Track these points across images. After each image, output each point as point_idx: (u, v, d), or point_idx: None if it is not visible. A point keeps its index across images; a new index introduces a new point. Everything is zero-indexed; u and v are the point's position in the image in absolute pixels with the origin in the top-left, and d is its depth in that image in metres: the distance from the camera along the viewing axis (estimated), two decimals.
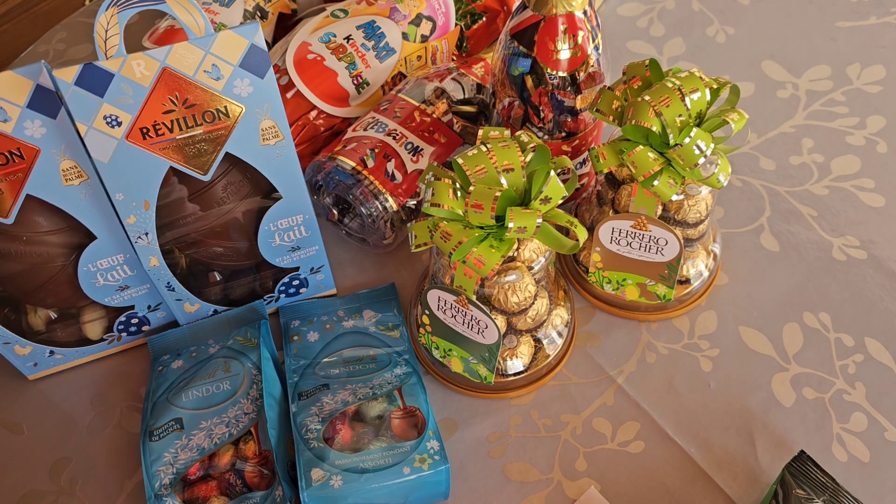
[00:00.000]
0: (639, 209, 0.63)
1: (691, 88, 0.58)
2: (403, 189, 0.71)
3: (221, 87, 0.55)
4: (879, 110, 0.84)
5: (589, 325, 0.71)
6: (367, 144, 0.71)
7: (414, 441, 0.60)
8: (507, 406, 0.66)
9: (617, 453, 0.63)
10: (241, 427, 0.62)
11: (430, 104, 0.74)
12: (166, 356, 0.68)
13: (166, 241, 0.63)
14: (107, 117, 0.53)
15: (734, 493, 0.61)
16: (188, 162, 0.58)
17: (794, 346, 0.68)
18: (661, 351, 0.69)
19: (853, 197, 0.78)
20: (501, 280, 0.58)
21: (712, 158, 0.61)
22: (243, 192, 0.64)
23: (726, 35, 0.93)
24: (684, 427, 0.64)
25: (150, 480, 0.60)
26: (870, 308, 0.70)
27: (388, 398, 0.63)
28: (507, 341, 0.64)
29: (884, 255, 0.73)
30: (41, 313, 0.67)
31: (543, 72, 0.65)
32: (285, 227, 0.65)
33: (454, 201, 0.55)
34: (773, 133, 0.84)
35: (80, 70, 0.51)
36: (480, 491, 0.62)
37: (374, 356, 0.67)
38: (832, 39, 0.92)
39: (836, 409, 0.65)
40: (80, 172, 0.56)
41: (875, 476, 0.61)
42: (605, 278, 0.69)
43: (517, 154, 0.55)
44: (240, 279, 0.70)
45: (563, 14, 0.62)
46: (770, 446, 0.63)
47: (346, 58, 0.77)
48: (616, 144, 0.62)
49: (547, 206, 0.54)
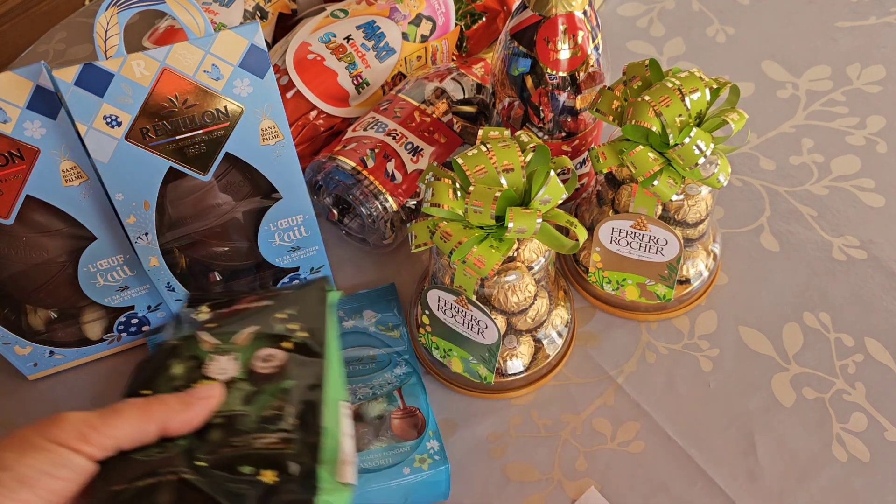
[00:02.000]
0: (639, 209, 0.63)
1: (691, 88, 0.58)
2: (403, 189, 0.71)
3: (221, 87, 0.55)
4: (879, 110, 0.84)
5: (589, 325, 0.71)
6: (367, 144, 0.71)
7: (414, 441, 0.60)
8: (507, 406, 0.66)
9: (617, 453, 0.63)
10: None
11: (430, 104, 0.74)
12: None
13: (166, 241, 0.63)
14: (107, 117, 0.53)
15: (734, 493, 0.61)
16: (188, 162, 0.58)
17: (794, 347, 0.68)
18: (661, 351, 0.69)
19: (853, 197, 0.78)
20: (501, 280, 0.58)
21: (712, 158, 0.61)
22: (243, 192, 0.64)
23: (726, 35, 0.93)
24: (684, 427, 0.64)
25: None
26: (870, 308, 0.70)
27: (388, 398, 0.63)
28: (507, 341, 0.64)
29: (884, 255, 0.73)
30: (41, 313, 0.67)
31: (543, 72, 0.65)
32: (285, 227, 0.65)
33: (454, 201, 0.55)
34: (773, 133, 0.84)
35: (79, 70, 0.51)
36: (480, 491, 0.62)
37: (374, 356, 0.67)
38: (832, 39, 0.92)
39: (836, 409, 0.65)
40: (80, 173, 0.56)
41: (875, 476, 0.61)
42: (605, 278, 0.69)
43: (517, 154, 0.55)
44: (240, 279, 0.70)
45: (563, 14, 0.62)
46: (770, 446, 0.63)
47: (346, 58, 0.77)
48: (616, 144, 0.62)
49: (547, 206, 0.54)
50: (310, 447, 0.40)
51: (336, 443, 0.42)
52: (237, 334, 0.47)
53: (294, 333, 0.47)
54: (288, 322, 0.48)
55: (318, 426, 0.41)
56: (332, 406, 0.43)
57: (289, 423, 0.41)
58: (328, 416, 0.42)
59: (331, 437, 0.42)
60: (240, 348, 0.46)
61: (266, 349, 0.46)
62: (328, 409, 0.43)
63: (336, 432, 0.43)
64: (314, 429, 0.41)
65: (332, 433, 0.42)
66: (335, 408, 0.44)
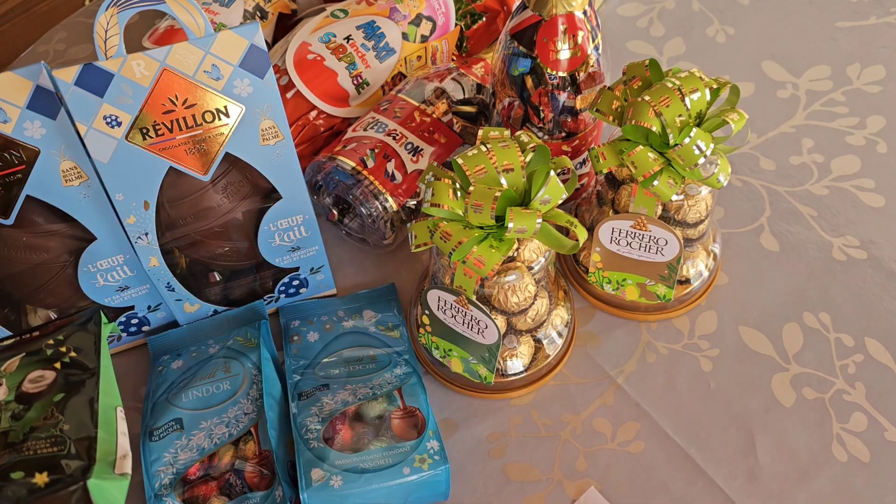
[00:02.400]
0: (639, 209, 0.63)
1: (691, 88, 0.58)
2: (403, 189, 0.71)
3: (221, 88, 0.55)
4: (879, 110, 0.84)
5: (589, 325, 0.71)
6: (367, 144, 0.71)
7: (414, 441, 0.60)
8: (507, 406, 0.66)
9: (617, 453, 0.63)
10: (241, 427, 0.62)
11: (430, 104, 0.74)
12: (166, 356, 0.68)
13: (166, 242, 0.63)
14: (107, 117, 0.53)
15: (734, 493, 0.61)
16: (188, 162, 0.58)
17: (794, 347, 0.68)
18: (661, 351, 0.69)
19: (853, 197, 0.78)
20: (501, 280, 0.58)
21: (712, 158, 0.61)
22: (243, 193, 0.64)
23: (726, 35, 0.93)
24: (684, 427, 0.64)
25: (149, 480, 0.60)
26: (870, 308, 0.70)
27: (388, 398, 0.63)
28: (507, 341, 0.64)
29: (884, 255, 0.73)
30: (41, 313, 0.67)
31: (543, 72, 0.65)
32: (285, 228, 0.65)
33: (454, 201, 0.55)
34: (773, 133, 0.84)
35: (79, 70, 0.51)
36: (480, 491, 0.62)
37: (374, 356, 0.67)
38: (832, 39, 0.92)
39: (836, 409, 0.65)
40: (80, 173, 0.56)
41: (875, 476, 0.61)
42: (605, 278, 0.69)
43: (517, 154, 0.55)
44: (240, 279, 0.70)
45: (563, 14, 0.62)
46: (770, 446, 0.63)
47: (346, 58, 0.77)
48: (616, 144, 0.62)
49: (547, 206, 0.54)
50: (83, 447, 0.42)
51: (112, 440, 0.45)
52: (7, 362, 0.49)
53: (64, 355, 0.49)
54: (57, 346, 0.50)
55: (92, 427, 0.43)
56: (106, 410, 0.46)
57: (60, 429, 0.43)
58: (102, 419, 0.45)
59: (105, 434, 0.44)
60: (7, 375, 0.48)
61: (35, 371, 0.47)
62: (102, 414, 0.45)
63: (112, 431, 0.45)
64: (87, 431, 0.43)
65: (106, 432, 0.44)
66: (110, 412, 0.46)
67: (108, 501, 0.41)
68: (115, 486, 0.42)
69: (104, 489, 0.41)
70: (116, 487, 0.42)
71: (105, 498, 0.41)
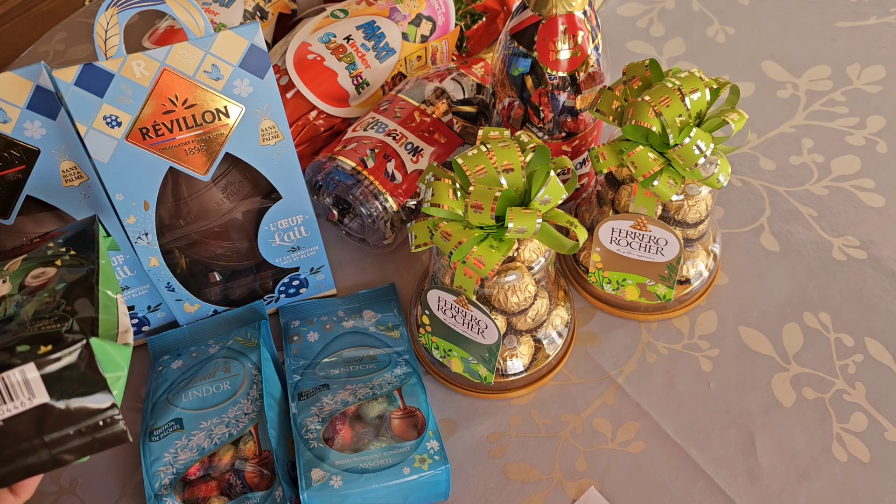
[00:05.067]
0: (639, 209, 0.63)
1: (691, 88, 0.58)
2: (403, 189, 0.71)
3: (221, 88, 0.55)
4: (879, 110, 0.84)
5: (589, 325, 0.71)
6: (367, 144, 0.71)
7: (414, 441, 0.60)
8: (507, 406, 0.66)
9: (617, 453, 0.63)
10: (241, 427, 0.62)
11: (430, 104, 0.74)
12: (166, 356, 0.68)
13: (166, 241, 0.63)
14: (107, 118, 0.53)
15: (734, 493, 0.61)
16: (188, 162, 0.58)
17: (794, 347, 0.68)
18: (661, 351, 0.69)
19: (853, 197, 0.78)
20: (501, 280, 0.58)
21: (712, 158, 0.61)
22: (243, 193, 0.64)
23: (726, 35, 0.93)
24: (684, 427, 0.64)
25: (150, 480, 0.60)
26: (870, 308, 0.70)
27: (388, 398, 0.63)
28: (507, 341, 0.64)
29: (884, 255, 0.73)
30: None
31: (543, 72, 0.65)
32: (285, 228, 0.65)
33: (454, 201, 0.55)
34: (773, 133, 0.84)
35: (79, 70, 0.51)
36: (480, 491, 0.62)
37: (374, 356, 0.67)
38: (832, 39, 0.92)
39: (836, 409, 0.65)
40: (80, 173, 0.56)
41: (875, 476, 0.61)
42: (605, 278, 0.69)
43: (517, 154, 0.55)
44: (240, 279, 0.70)
45: (562, 14, 0.62)
46: (770, 446, 0.63)
47: (345, 58, 0.77)
48: (616, 144, 0.62)
49: (547, 206, 0.54)
50: (86, 324, 0.43)
51: (113, 321, 0.46)
52: (8, 263, 0.51)
53: (64, 255, 0.51)
54: (57, 248, 0.52)
55: (94, 305, 0.45)
56: (106, 296, 0.47)
57: (63, 310, 0.44)
58: (103, 303, 0.46)
59: (106, 316, 0.45)
60: (10, 273, 0.50)
61: (37, 269, 0.49)
62: (102, 297, 0.47)
63: (112, 313, 0.47)
64: (88, 312, 0.44)
65: (107, 314, 0.46)
66: (110, 298, 0.48)
67: (112, 363, 0.43)
68: (118, 351, 0.43)
69: (107, 351, 0.42)
70: (119, 352, 0.43)
71: (109, 360, 0.43)
